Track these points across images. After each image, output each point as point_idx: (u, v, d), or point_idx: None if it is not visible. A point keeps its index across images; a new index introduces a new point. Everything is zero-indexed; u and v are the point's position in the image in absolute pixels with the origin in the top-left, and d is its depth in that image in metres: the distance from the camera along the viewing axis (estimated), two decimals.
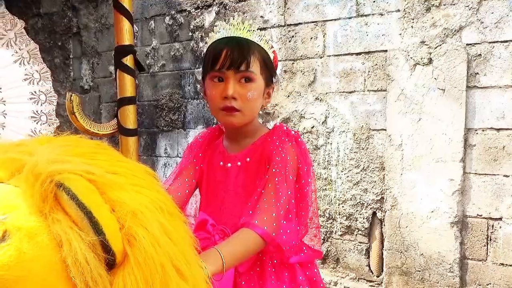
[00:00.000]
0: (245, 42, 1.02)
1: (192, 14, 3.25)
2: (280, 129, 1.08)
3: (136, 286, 0.47)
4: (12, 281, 0.43)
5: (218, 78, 1.02)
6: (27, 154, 0.49)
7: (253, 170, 1.03)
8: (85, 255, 0.45)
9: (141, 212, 0.49)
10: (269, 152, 1.02)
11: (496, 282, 2.19)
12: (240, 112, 1.01)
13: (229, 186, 1.05)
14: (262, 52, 1.04)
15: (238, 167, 1.06)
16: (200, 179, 1.11)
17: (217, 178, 1.08)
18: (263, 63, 1.04)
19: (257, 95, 1.03)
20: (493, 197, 2.18)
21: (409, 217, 2.37)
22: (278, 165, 0.99)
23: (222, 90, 1.00)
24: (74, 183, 0.46)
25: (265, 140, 1.06)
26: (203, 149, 1.13)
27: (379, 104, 2.48)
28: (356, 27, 2.54)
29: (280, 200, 0.94)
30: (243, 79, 1.01)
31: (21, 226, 0.45)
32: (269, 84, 1.09)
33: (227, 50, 0.99)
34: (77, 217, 0.46)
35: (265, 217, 0.91)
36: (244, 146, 1.08)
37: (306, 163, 1.06)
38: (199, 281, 0.55)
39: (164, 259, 0.49)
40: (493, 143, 2.18)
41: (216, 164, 1.09)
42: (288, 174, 0.99)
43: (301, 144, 1.07)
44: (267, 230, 0.90)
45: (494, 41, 2.16)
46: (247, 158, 1.05)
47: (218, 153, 1.11)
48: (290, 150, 1.03)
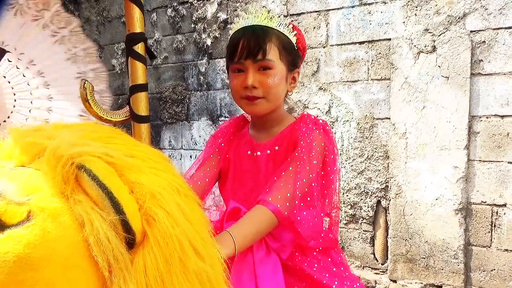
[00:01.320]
0: (260, 31, 1.02)
1: (194, 5, 3.24)
2: (308, 117, 1.10)
3: (156, 264, 0.48)
4: (38, 259, 0.44)
5: (238, 69, 1.04)
6: (47, 138, 0.51)
7: (282, 158, 1.04)
8: (106, 234, 0.46)
9: (159, 193, 0.50)
10: (296, 139, 1.04)
11: (501, 268, 2.21)
12: (263, 98, 1.02)
13: (259, 174, 1.06)
14: (281, 37, 1.04)
15: (268, 155, 1.06)
16: (225, 168, 1.12)
17: (245, 167, 1.09)
18: (282, 48, 1.04)
19: (279, 80, 1.03)
20: (497, 183, 2.19)
21: (413, 205, 2.39)
22: (302, 149, 1.00)
23: (242, 80, 1.02)
24: (94, 165, 0.48)
25: (293, 128, 1.07)
26: (226, 139, 1.14)
27: (383, 93, 2.48)
28: (359, 15, 2.54)
29: (298, 181, 0.95)
30: (262, 68, 1.02)
31: (44, 207, 0.46)
32: (292, 69, 1.08)
33: (244, 41, 1.00)
34: (98, 197, 0.47)
35: (279, 195, 0.93)
36: (272, 135, 1.09)
37: (332, 152, 1.07)
38: (215, 261, 0.56)
39: (182, 238, 0.50)
40: (497, 130, 2.18)
41: (244, 153, 1.10)
42: (312, 159, 1.00)
43: (328, 132, 1.08)
44: (279, 208, 0.91)
45: (498, 28, 2.15)
46: (275, 147, 1.06)
47: (245, 143, 1.12)
48: (317, 137, 1.04)
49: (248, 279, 0.90)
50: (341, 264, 1.07)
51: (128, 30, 0.84)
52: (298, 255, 1.02)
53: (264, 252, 0.94)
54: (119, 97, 3.75)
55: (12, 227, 0.44)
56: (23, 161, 0.52)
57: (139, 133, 0.85)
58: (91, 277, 0.47)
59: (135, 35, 0.84)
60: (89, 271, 0.47)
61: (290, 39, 1.07)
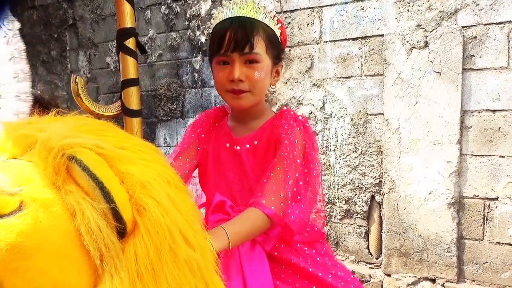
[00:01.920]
0: (248, 23, 1.00)
1: (188, 2, 3.24)
2: (288, 113, 1.09)
3: (147, 252, 0.49)
4: (31, 248, 0.45)
5: (224, 61, 1.03)
6: (38, 131, 0.52)
7: (262, 153, 1.04)
8: (97, 223, 0.47)
9: (149, 184, 0.52)
10: (278, 136, 1.04)
11: (493, 261, 2.24)
12: (249, 92, 1.02)
13: (241, 168, 1.06)
14: (267, 31, 1.03)
15: (247, 149, 1.06)
16: (204, 160, 1.11)
17: (224, 159, 1.09)
18: (269, 41, 1.03)
19: (265, 74, 1.03)
20: (489, 177, 2.21)
21: (407, 200, 2.41)
22: (287, 148, 1.00)
23: (228, 73, 1.01)
24: (85, 156, 0.49)
25: (273, 124, 1.07)
26: (206, 129, 1.13)
27: (376, 88, 2.50)
28: (352, 12, 2.55)
29: (288, 182, 0.96)
30: (248, 61, 1.01)
31: (36, 197, 0.47)
32: (276, 62, 1.09)
33: (231, 32, 0.99)
34: (89, 187, 0.48)
35: (272, 197, 0.93)
36: (251, 129, 1.09)
37: (313, 148, 1.07)
38: (205, 251, 0.57)
39: (173, 227, 0.51)
40: (488, 125, 2.20)
41: (222, 145, 1.10)
42: (296, 157, 1.01)
43: (308, 129, 1.08)
44: (274, 209, 0.92)
45: (489, 23, 2.17)
46: (255, 141, 1.06)
47: (223, 134, 1.11)
48: (298, 134, 1.04)
49: (235, 273, 0.91)
50: (325, 255, 1.08)
51: (118, 26, 0.84)
52: (283, 246, 1.03)
53: (249, 245, 0.95)
54: (113, 94, 3.75)
55: (4, 217, 0.45)
56: (14, 153, 0.53)
57: (131, 127, 0.86)
58: (83, 266, 0.49)
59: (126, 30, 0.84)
60: (81, 259, 0.48)
61: (275, 32, 1.06)
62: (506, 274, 2.21)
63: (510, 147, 2.16)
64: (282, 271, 1.01)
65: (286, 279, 1.00)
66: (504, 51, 2.14)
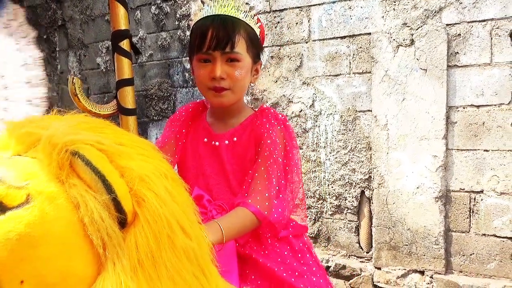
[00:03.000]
0: (230, 21, 1.01)
1: (178, 2, 3.26)
2: (269, 112, 1.11)
3: (146, 241, 0.53)
4: (37, 237, 0.48)
5: (205, 59, 1.04)
6: (41, 129, 0.55)
7: (241, 149, 1.07)
8: (100, 214, 0.50)
9: (147, 177, 0.55)
10: (259, 134, 1.06)
11: (479, 252, 2.30)
12: (229, 90, 1.03)
13: (217, 163, 1.08)
14: (248, 30, 1.05)
15: (226, 145, 1.08)
16: (183, 154, 1.12)
17: (202, 154, 1.10)
18: (249, 41, 1.05)
19: (245, 73, 1.05)
20: (475, 171, 2.28)
21: (395, 194, 2.46)
22: (270, 148, 1.03)
23: (210, 70, 1.02)
24: (87, 151, 0.52)
25: (253, 121, 1.09)
26: (186, 124, 1.14)
27: (364, 86, 2.55)
28: (340, 11, 2.59)
29: (272, 181, 0.99)
30: (229, 59, 1.03)
31: (42, 190, 0.50)
32: (256, 61, 1.10)
33: (212, 31, 1.00)
34: (91, 181, 0.51)
35: (258, 197, 0.97)
36: (230, 125, 1.11)
37: (292, 147, 1.10)
38: (201, 240, 0.61)
39: (170, 217, 0.55)
40: (473, 120, 2.27)
41: (200, 140, 1.11)
42: (278, 156, 1.04)
43: (288, 127, 1.10)
44: (259, 209, 0.95)
45: (472, 21, 2.23)
46: (234, 138, 1.08)
47: (202, 129, 1.12)
48: (279, 133, 1.06)
49: None
50: (300, 251, 1.09)
51: (113, 28, 0.87)
52: (253, 243, 1.05)
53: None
54: (104, 95, 3.76)
55: (13, 209, 0.48)
56: (18, 150, 0.56)
57: (127, 125, 0.89)
58: (87, 254, 0.52)
59: (120, 32, 0.87)
60: (85, 248, 0.52)
61: (255, 31, 1.07)
62: (491, 264, 2.28)
63: (494, 141, 2.23)
64: (251, 272, 1.03)
65: (252, 281, 1.02)
66: (487, 48, 2.21)
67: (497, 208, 2.24)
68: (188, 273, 0.56)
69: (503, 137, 2.20)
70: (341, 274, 2.64)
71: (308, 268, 1.10)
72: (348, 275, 2.62)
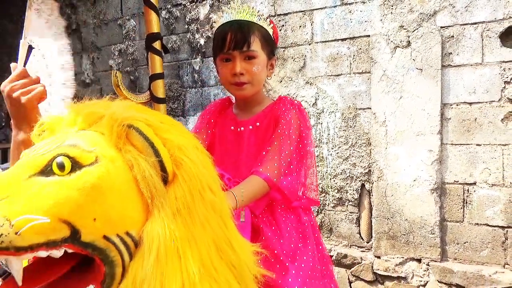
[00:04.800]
0: (245, 24, 1.18)
1: (187, 7, 3.44)
2: (285, 99, 1.28)
3: (183, 194, 0.68)
4: (104, 188, 0.64)
5: (226, 59, 1.20)
6: (103, 108, 0.71)
7: (263, 132, 1.23)
8: (149, 172, 0.66)
9: (183, 147, 0.71)
10: (277, 117, 1.22)
11: (472, 240, 2.45)
12: (249, 84, 1.20)
13: (242, 146, 1.24)
14: (261, 30, 1.21)
15: (250, 130, 1.25)
16: (212, 141, 1.30)
17: (229, 139, 1.27)
18: (263, 40, 1.21)
19: (261, 68, 1.21)
20: (468, 164, 2.42)
21: (394, 187, 2.61)
22: (283, 126, 1.19)
23: (231, 68, 1.19)
24: (140, 125, 0.68)
25: (273, 108, 1.26)
26: (214, 116, 1.33)
27: (364, 85, 2.71)
28: (341, 14, 2.76)
29: (282, 153, 1.15)
30: (247, 57, 1.19)
31: (105, 154, 0.66)
32: (270, 56, 1.26)
33: (231, 34, 1.17)
34: (143, 147, 0.67)
35: (268, 166, 1.12)
36: (253, 113, 1.27)
37: (306, 128, 1.26)
38: (222, 198, 0.77)
39: (201, 177, 0.70)
40: (466, 116, 2.42)
41: (228, 128, 1.28)
42: (292, 134, 1.19)
43: (302, 111, 1.27)
44: (269, 176, 1.10)
45: (464, 24, 2.39)
46: (257, 123, 1.25)
47: (229, 120, 1.30)
48: (294, 115, 1.22)
49: None
50: (304, 226, 1.23)
51: (147, 31, 1.03)
52: (265, 214, 1.18)
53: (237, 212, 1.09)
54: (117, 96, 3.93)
55: (86, 166, 0.64)
56: (83, 126, 0.72)
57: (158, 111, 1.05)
58: (139, 203, 0.68)
59: (153, 35, 1.04)
60: (137, 198, 0.68)
61: (268, 31, 1.24)
62: (484, 252, 2.42)
63: (486, 136, 2.37)
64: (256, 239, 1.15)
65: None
66: (479, 48, 2.36)
67: (489, 198, 2.38)
68: (214, 221, 0.71)
69: (494, 132, 2.35)
70: (343, 263, 2.78)
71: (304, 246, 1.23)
72: (350, 263, 2.77)
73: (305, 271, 1.18)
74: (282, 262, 1.15)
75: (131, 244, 0.66)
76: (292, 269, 1.15)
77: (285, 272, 1.14)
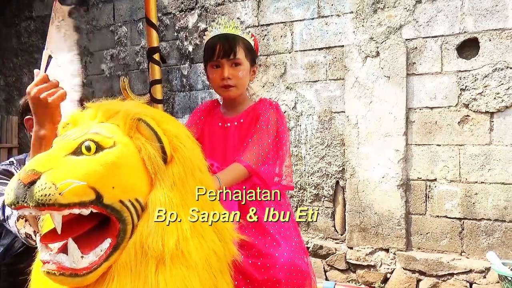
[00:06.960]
0: (231, 37, 1.42)
1: (176, 16, 3.66)
2: (265, 100, 1.52)
3: (178, 171, 0.91)
4: (121, 164, 0.86)
5: (216, 65, 1.43)
6: (118, 106, 0.93)
7: (246, 128, 1.45)
8: (154, 153, 0.89)
9: (179, 135, 0.93)
10: (258, 115, 1.44)
11: (434, 231, 2.72)
12: (234, 87, 1.43)
13: (229, 139, 1.46)
14: (245, 42, 1.45)
15: (235, 126, 1.47)
16: (201, 136, 1.52)
17: (217, 134, 1.49)
18: (247, 50, 1.45)
19: (245, 73, 1.45)
20: (429, 162, 2.70)
21: (364, 183, 2.87)
22: (262, 123, 1.41)
23: (220, 73, 1.41)
24: (147, 118, 0.90)
25: (255, 107, 1.49)
26: (204, 114, 1.55)
27: (338, 90, 2.97)
28: (318, 26, 3.02)
29: (260, 145, 1.37)
30: (233, 64, 1.42)
31: (121, 140, 0.89)
32: (253, 64, 1.50)
33: (220, 45, 1.39)
34: (149, 135, 0.90)
35: (248, 155, 1.34)
36: (238, 112, 1.49)
37: (282, 124, 1.49)
38: (209, 176, 1.00)
39: (193, 159, 0.93)
40: (428, 119, 2.69)
41: (216, 124, 1.51)
42: (269, 129, 1.42)
43: (279, 110, 1.51)
44: (249, 163, 1.33)
45: (426, 37, 2.67)
46: (241, 120, 1.47)
47: (217, 117, 1.52)
48: (272, 114, 1.45)
49: None
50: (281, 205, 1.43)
51: (148, 45, 1.26)
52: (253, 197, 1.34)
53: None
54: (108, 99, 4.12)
55: (107, 149, 0.87)
56: (102, 119, 0.95)
57: None
58: (145, 178, 0.90)
59: (154, 48, 1.27)
60: (144, 174, 0.90)
61: (250, 43, 1.48)
62: (444, 241, 2.69)
63: (445, 137, 2.65)
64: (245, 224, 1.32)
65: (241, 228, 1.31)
66: (438, 59, 2.64)
67: (448, 193, 2.66)
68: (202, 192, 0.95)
69: (451, 133, 2.63)
70: (319, 254, 3.03)
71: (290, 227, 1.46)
72: (325, 254, 3.01)
73: (294, 247, 1.40)
74: (273, 235, 1.37)
75: (139, 208, 0.89)
76: (282, 242, 1.37)
77: (277, 243, 1.35)
